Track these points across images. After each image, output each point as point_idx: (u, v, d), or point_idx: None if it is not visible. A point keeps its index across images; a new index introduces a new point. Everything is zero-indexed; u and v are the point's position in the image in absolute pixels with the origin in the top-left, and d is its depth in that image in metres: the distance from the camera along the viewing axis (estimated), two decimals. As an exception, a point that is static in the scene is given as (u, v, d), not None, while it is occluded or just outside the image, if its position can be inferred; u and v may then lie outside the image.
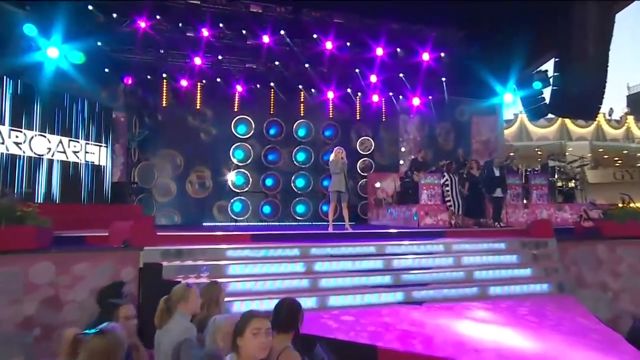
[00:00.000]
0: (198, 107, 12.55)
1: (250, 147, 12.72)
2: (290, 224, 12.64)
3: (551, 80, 9.25)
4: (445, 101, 12.77)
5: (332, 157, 7.39)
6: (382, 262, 6.11)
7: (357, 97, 13.31)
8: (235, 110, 12.73)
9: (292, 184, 12.99)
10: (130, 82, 11.16)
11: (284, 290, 5.38)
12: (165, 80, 11.91)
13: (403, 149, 13.60)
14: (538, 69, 10.06)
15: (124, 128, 11.31)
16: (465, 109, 13.51)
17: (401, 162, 13.43)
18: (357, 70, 12.15)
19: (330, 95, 12.80)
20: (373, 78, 12.20)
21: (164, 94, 12.11)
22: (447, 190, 8.87)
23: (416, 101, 13.05)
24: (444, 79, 12.37)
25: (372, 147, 13.58)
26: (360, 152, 13.56)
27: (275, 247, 6.04)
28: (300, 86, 12.66)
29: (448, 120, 13.47)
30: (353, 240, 6.55)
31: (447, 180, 8.90)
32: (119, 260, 5.28)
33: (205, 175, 12.68)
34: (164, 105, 12.20)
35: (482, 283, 5.90)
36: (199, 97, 12.54)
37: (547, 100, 9.26)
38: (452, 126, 13.55)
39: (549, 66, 10.09)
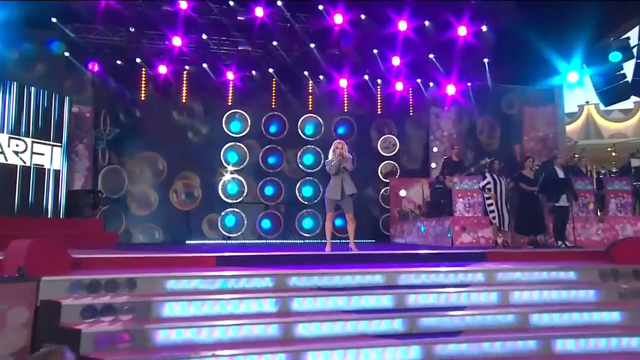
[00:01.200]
0: (184, 100, 11.67)
1: (246, 149, 11.79)
2: (295, 241, 11.69)
3: (635, 50, 7.63)
4: (489, 89, 11.77)
5: (330, 154, 6.43)
6: (391, 298, 4.68)
7: (377, 86, 12.29)
8: (229, 103, 11.79)
9: (297, 193, 12.03)
10: (96, 68, 10.39)
11: (242, 341, 4.04)
12: (142, 68, 11.07)
13: (435, 149, 12.46)
14: (617, 38, 8.48)
15: (90, 125, 10.46)
16: (515, 98, 12.37)
17: (432, 165, 12.32)
18: (375, 51, 11.12)
19: (344, 83, 11.81)
20: (396, 61, 11.16)
21: (142, 85, 11.29)
22: (490, 198, 7.40)
23: (451, 89, 11.98)
24: (486, 60, 11.26)
25: (397, 148, 12.58)
26: (383, 153, 12.57)
27: (242, 275, 4.69)
28: (306, 73, 11.69)
29: (492, 112, 12.42)
30: (356, 266, 5.30)
31: (489, 183, 7.46)
32: (8, 295, 4.00)
33: (192, 183, 11.81)
34: (142, 98, 11.39)
35: (543, 333, 4.36)
36: (184, 88, 11.66)
37: (629, 78, 7.64)
38: (498, 120, 12.48)
39: (632, 34, 8.50)
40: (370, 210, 12.25)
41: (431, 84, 12.18)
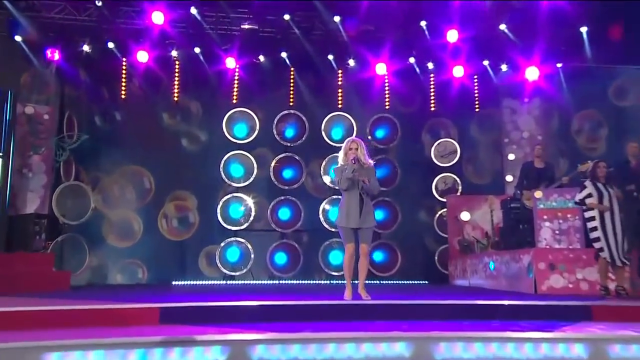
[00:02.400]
0: (176, 97, 11.04)
1: (253, 159, 10.93)
2: (319, 282, 10.81)
3: None
4: (590, 71, 10.73)
5: (339, 157, 5.88)
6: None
7: (428, 73, 11.26)
8: (234, 100, 11.07)
9: (321, 217, 11.05)
10: (57, 57, 9.82)
11: None
12: (122, 57, 10.42)
13: (511, 157, 11.35)
14: None
15: (51, 131, 9.89)
16: (628, 83, 11.18)
17: (508, 178, 11.15)
18: (423, 24, 10.14)
19: (382, 69, 10.88)
20: (452, 36, 10.17)
21: (122, 79, 10.67)
22: (593, 219, 6.23)
23: (533, 74, 10.92)
24: (584, 28, 9.99)
25: (458, 156, 11.51)
26: (438, 163, 11.53)
27: (189, 342, 3.65)
28: (331, 57, 10.79)
29: (595, 104, 11.28)
30: (371, 323, 4.39)
31: (589, 195, 6.28)
32: None
33: (187, 205, 11.15)
34: (122, 96, 10.79)
35: None
36: (176, 81, 10.96)
37: None
38: (604, 115, 11.35)
39: None
40: (422, 240, 11.34)
41: (504, 67, 11.12)
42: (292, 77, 11.16)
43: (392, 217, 10.79)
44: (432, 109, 11.48)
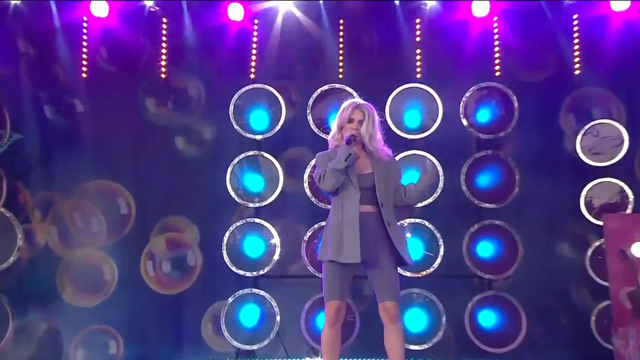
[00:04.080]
0: (163, 73, 10.19)
1: (279, 165, 9.72)
2: None
3: None
4: None
5: (331, 135, 5.55)
6: None
7: (569, 10, 9.80)
8: (251, 76, 10.05)
9: None
10: None
11: None
12: (82, 18, 9.75)
13: None
14: None
15: None
16: None
17: None
18: None
19: (483, 9, 9.46)
20: None
21: (83, 49, 9.96)
22: None
23: None
24: None
25: (625, 148, 9.80)
26: (588, 161, 9.80)
27: None
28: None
29: None
30: None
31: None
32: None
33: (184, 240, 10.26)
34: (83, 75, 10.07)
35: None
36: (163, 49, 10.06)
37: None
38: None
39: None
40: (565, 291, 9.86)
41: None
42: (341, 33, 9.92)
43: (508, 254, 9.14)
44: (577, 72, 9.95)
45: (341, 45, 9.96)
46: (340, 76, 9.88)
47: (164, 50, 10.00)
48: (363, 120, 5.06)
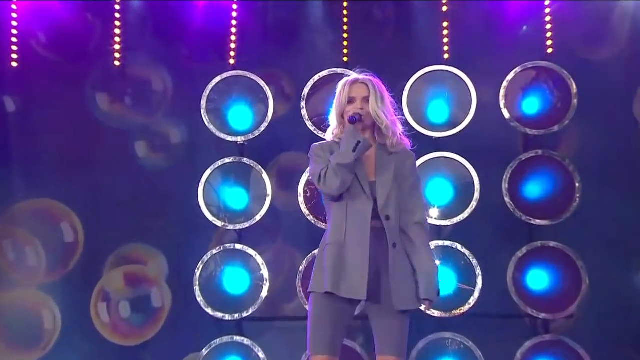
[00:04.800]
0: (117, 60, 9.72)
1: (266, 175, 9.20)
2: None
3: None
4: None
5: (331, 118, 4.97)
6: None
7: None
8: (231, 61, 9.61)
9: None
10: None
11: None
12: None
13: None
14: None
15: None
16: None
17: None
18: None
19: None
20: None
21: (11, 31, 9.53)
22: None
23: None
24: None
25: None
26: None
27: None
28: None
29: None
30: None
31: None
32: None
33: (148, 275, 9.70)
34: (12, 64, 9.60)
35: None
36: (116, 29, 9.66)
37: None
38: None
39: None
40: None
41: None
42: (345, 4, 9.38)
43: (568, 285, 8.56)
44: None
45: (345, 19, 9.39)
46: (345, 59, 9.32)
47: (117, 31, 9.38)
48: (368, 97, 4.53)
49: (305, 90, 8.96)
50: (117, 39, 9.25)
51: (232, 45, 9.28)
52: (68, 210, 9.25)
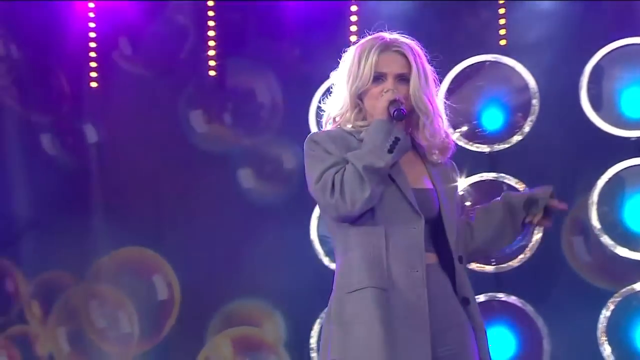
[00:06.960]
0: (212, 70, 9.13)
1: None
2: None
3: None
4: None
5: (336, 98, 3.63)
6: None
7: None
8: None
9: None
10: None
11: None
12: None
13: None
14: None
15: None
16: None
17: None
18: None
19: None
20: None
21: (90, 44, 8.74)
22: None
23: None
24: None
25: None
26: None
27: None
28: None
29: None
30: None
31: None
32: None
33: (263, 339, 8.98)
34: (92, 84, 8.79)
35: None
36: (210, 33, 9.18)
37: None
38: None
39: None
40: None
41: None
42: None
43: None
44: None
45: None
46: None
47: (211, 33, 8.13)
48: (407, 74, 3.21)
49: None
50: (210, 43, 8.10)
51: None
52: (161, 260, 8.12)
